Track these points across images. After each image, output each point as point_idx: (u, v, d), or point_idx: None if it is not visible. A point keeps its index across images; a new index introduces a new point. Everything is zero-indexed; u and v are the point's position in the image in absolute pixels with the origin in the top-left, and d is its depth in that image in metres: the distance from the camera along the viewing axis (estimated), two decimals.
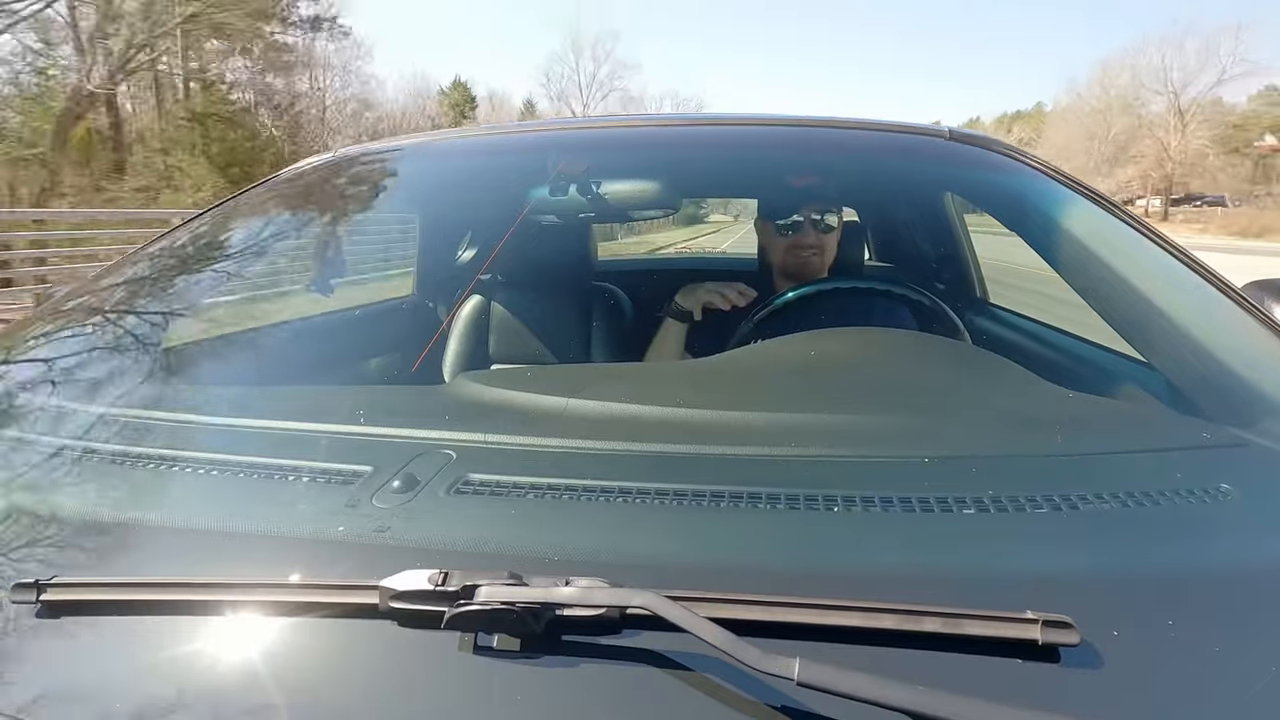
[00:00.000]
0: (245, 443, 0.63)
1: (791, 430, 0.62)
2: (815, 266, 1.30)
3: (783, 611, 0.39)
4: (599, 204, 1.19)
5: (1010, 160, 1.03)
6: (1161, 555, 0.48)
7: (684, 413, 0.64)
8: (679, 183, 1.27)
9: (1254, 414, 0.64)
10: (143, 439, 0.63)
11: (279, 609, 0.42)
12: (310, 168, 1.22)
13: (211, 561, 0.48)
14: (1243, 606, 0.44)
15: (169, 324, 0.95)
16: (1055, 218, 0.96)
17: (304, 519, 0.51)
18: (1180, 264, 0.84)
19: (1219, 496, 0.53)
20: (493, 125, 1.64)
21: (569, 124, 1.35)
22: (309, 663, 0.41)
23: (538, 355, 1.42)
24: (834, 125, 1.15)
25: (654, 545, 0.49)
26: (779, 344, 0.82)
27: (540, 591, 0.39)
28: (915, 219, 1.98)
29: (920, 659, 0.38)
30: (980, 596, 0.42)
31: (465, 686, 0.39)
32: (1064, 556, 0.46)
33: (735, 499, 0.51)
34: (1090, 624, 0.38)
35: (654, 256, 3.95)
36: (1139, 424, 0.71)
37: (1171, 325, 0.77)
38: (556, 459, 0.59)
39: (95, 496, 0.56)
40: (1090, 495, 0.51)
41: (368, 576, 0.42)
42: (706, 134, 1.23)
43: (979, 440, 0.63)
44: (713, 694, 0.37)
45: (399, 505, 0.51)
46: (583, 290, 1.48)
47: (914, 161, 1.14)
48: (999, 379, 0.75)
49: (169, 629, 0.42)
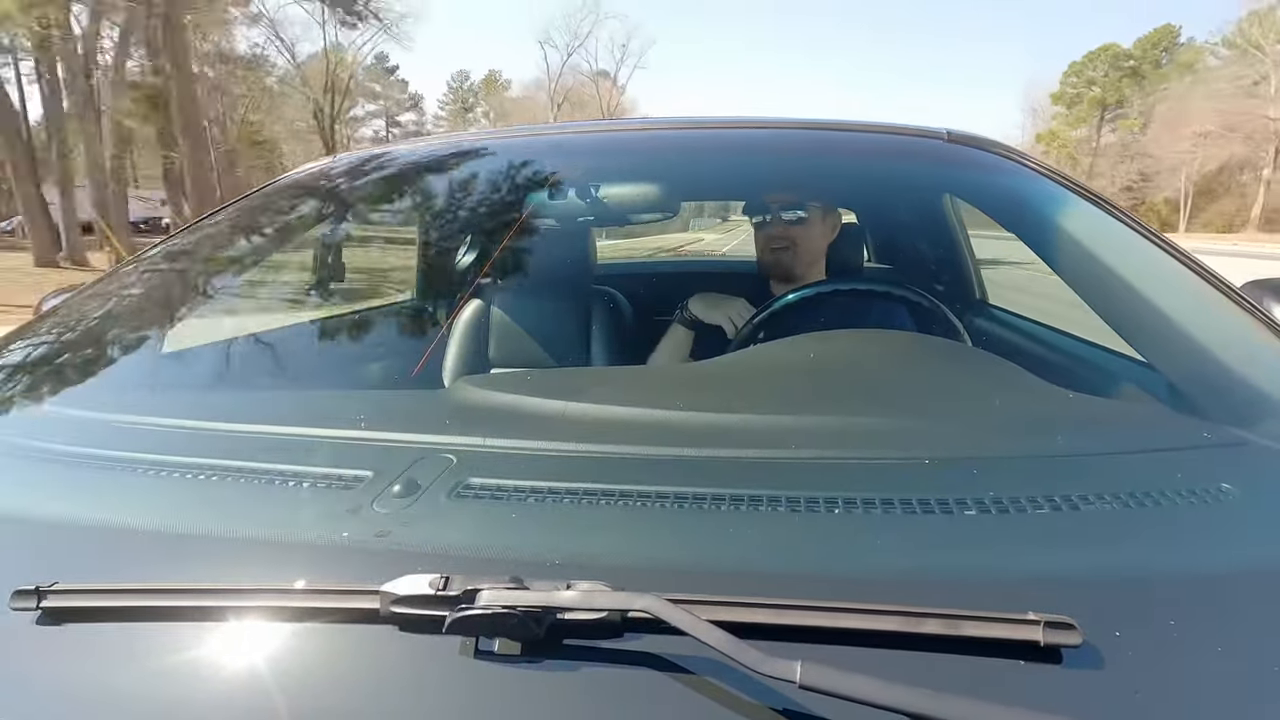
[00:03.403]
0: (245, 448, 0.63)
1: (791, 433, 0.62)
2: (786, 262, 1.28)
3: (784, 614, 0.39)
4: (598, 208, 1.19)
5: (1009, 161, 1.03)
6: (1162, 555, 0.48)
7: (684, 416, 0.64)
8: (678, 186, 1.27)
9: (1254, 413, 0.64)
10: (142, 444, 0.63)
11: (280, 614, 0.42)
12: (310, 173, 1.22)
13: (212, 567, 0.48)
14: (1244, 606, 0.44)
15: (170, 329, 0.95)
16: (1054, 219, 0.96)
17: (305, 524, 0.51)
18: (1179, 264, 0.84)
19: (1219, 496, 0.53)
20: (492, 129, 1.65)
21: (568, 128, 1.35)
22: (310, 668, 0.41)
23: (538, 359, 1.42)
24: (832, 128, 1.16)
25: (655, 548, 0.49)
26: (779, 346, 0.82)
27: (541, 595, 0.39)
28: (914, 221, 1.98)
29: (922, 661, 0.38)
30: (982, 598, 0.42)
31: (467, 691, 0.39)
32: (1065, 557, 0.46)
33: (736, 502, 0.51)
34: (1092, 625, 0.38)
35: (654, 260, 3.96)
36: (1139, 424, 0.71)
37: (1171, 325, 0.77)
38: (557, 462, 0.59)
39: (95, 501, 0.56)
40: (1091, 496, 0.51)
41: (369, 581, 0.42)
42: (705, 137, 1.24)
43: (979, 441, 0.63)
44: (715, 697, 0.37)
45: (400, 510, 0.51)
46: (583, 294, 1.48)
47: (912, 163, 1.14)
48: (999, 380, 0.75)
49: (170, 635, 0.42)
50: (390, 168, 1.27)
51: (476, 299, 1.47)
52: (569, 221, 1.38)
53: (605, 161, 1.27)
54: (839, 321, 1.07)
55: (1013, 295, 1.85)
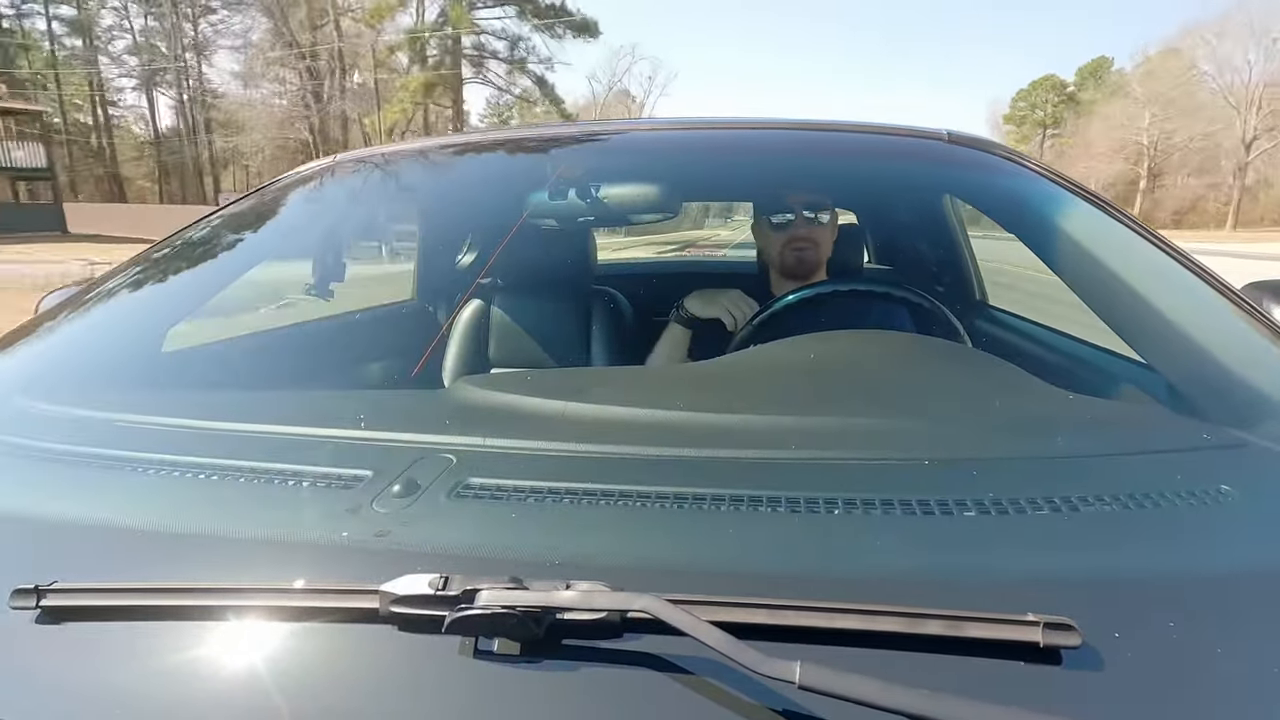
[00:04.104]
0: (245, 447, 0.63)
1: (791, 433, 0.62)
2: (810, 261, 1.29)
3: (784, 615, 0.39)
4: (598, 208, 1.19)
5: (1008, 162, 1.03)
6: (1162, 557, 0.48)
7: (684, 416, 0.64)
8: (678, 186, 1.27)
9: (1253, 415, 0.64)
10: (142, 443, 0.63)
11: (280, 614, 0.42)
12: (310, 173, 1.22)
13: (212, 566, 0.48)
14: (1244, 607, 0.43)
15: (170, 328, 0.95)
16: (1054, 220, 0.96)
17: (304, 524, 0.51)
18: (1179, 265, 0.84)
19: (1219, 498, 0.53)
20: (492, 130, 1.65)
21: (568, 128, 1.35)
22: (310, 667, 0.41)
23: (537, 359, 1.42)
24: (832, 129, 1.16)
25: (655, 549, 0.49)
26: (778, 347, 0.82)
27: (541, 595, 0.39)
28: (914, 221, 1.98)
29: (922, 662, 0.38)
30: (981, 599, 0.42)
31: (466, 691, 0.39)
32: (1065, 558, 0.46)
33: (735, 502, 0.51)
34: (1091, 626, 0.38)
35: (654, 260, 3.96)
36: (1139, 425, 0.71)
37: (1171, 327, 0.77)
38: (556, 463, 0.59)
39: (95, 501, 0.56)
40: (1090, 497, 0.51)
41: (368, 581, 0.42)
42: (705, 138, 1.24)
43: (979, 443, 0.63)
44: (714, 697, 0.37)
45: (399, 510, 0.51)
46: (582, 294, 1.48)
47: (912, 164, 1.14)
48: (999, 381, 0.75)
49: (169, 634, 0.42)
50: (391, 167, 1.27)
51: (476, 299, 1.48)
52: (569, 222, 1.38)
53: (605, 161, 1.27)
54: (839, 322, 1.07)
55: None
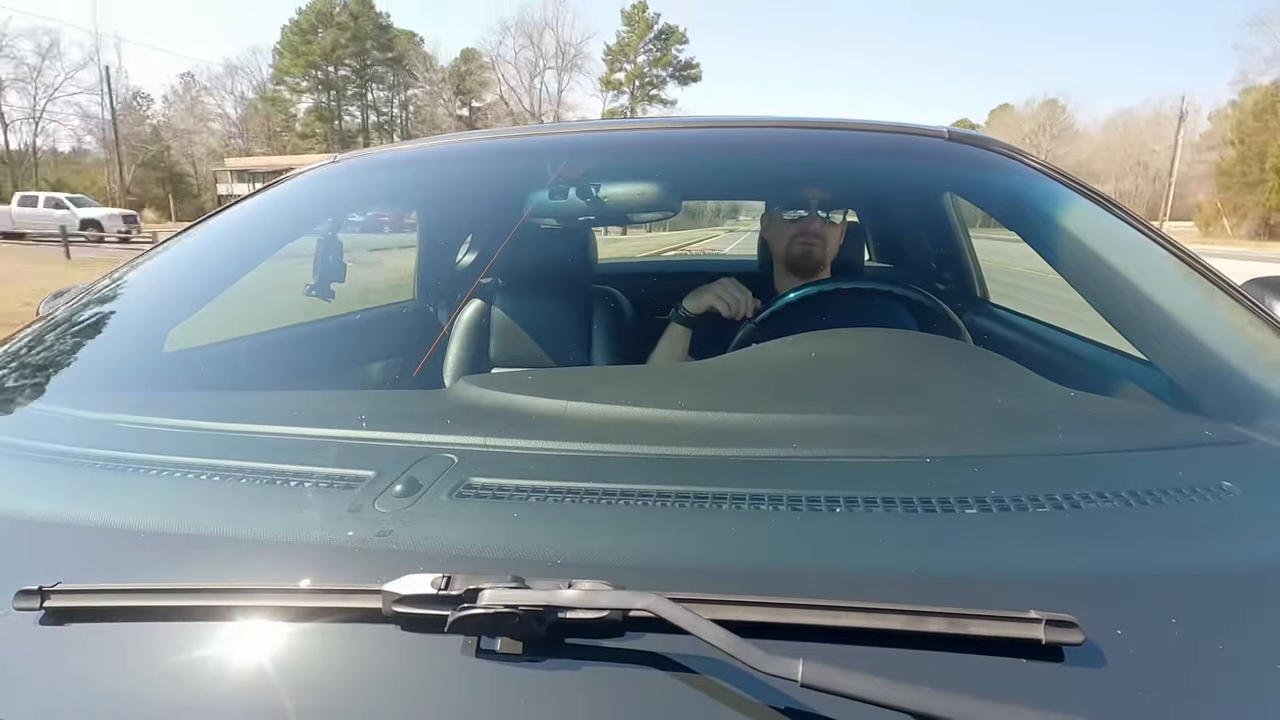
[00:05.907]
0: (247, 448, 0.63)
1: (793, 431, 0.62)
2: (817, 256, 1.29)
3: (786, 613, 0.39)
4: (599, 207, 1.19)
5: (1009, 160, 1.03)
6: (1164, 553, 0.48)
7: (685, 415, 0.64)
8: (679, 185, 1.27)
9: (1255, 411, 0.64)
10: (144, 444, 0.63)
11: (283, 614, 0.42)
12: (311, 173, 1.22)
13: (215, 567, 0.48)
14: (1246, 604, 0.43)
15: (171, 329, 0.95)
16: (1054, 217, 0.96)
17: (307, 524, 0.51)
18: (1180, 262, 0.84)
19: (1221, 494, 0.53)
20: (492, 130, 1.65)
21: (569, 128, 1.34)
22: (312, 667, 0.41)
23: (538, 359, 1.42)
24: (833, 127, 1.15)
25: (656, 547, 0.49)
26: (779, 345, 0.82)
27: (543, 594, 0.39)
28: (915, 219, 1.98)
29: (924, 659, 0.38)
30: (983, 596, 0.42)
31: (469, 690, 0.39)
32: (1067, 556, 0.46)
33: (737, 500, 0.51)
34: (1094, 623, 0.38)
35: (654, 259, 3.96)
36: (1141, 422, 0.71)
37: (1172, 323, 0.77)
38: (558, 462, 0.59)
39: (97, 502, 0.56)
40: (1092, 494, 0.51)
41: (371, 581, 0.42)
42: (706, 136, 1.24)
43: (981, 440, 0.63)
44: (716, 696, 0.37)
45: (401, 509, 0.51)
46: (583, 294, 1.48)
47: (913, 161, 1.14)
48: (1000, 379, 0.75)
49: (173, 635, 0.42)
50: (392, 168, 1.27)
51: (477, 299, 1.48)
52: (569, 221, 1.38)
53: (606, 161, 1.27)
54: (841, 321, 1.06)
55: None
